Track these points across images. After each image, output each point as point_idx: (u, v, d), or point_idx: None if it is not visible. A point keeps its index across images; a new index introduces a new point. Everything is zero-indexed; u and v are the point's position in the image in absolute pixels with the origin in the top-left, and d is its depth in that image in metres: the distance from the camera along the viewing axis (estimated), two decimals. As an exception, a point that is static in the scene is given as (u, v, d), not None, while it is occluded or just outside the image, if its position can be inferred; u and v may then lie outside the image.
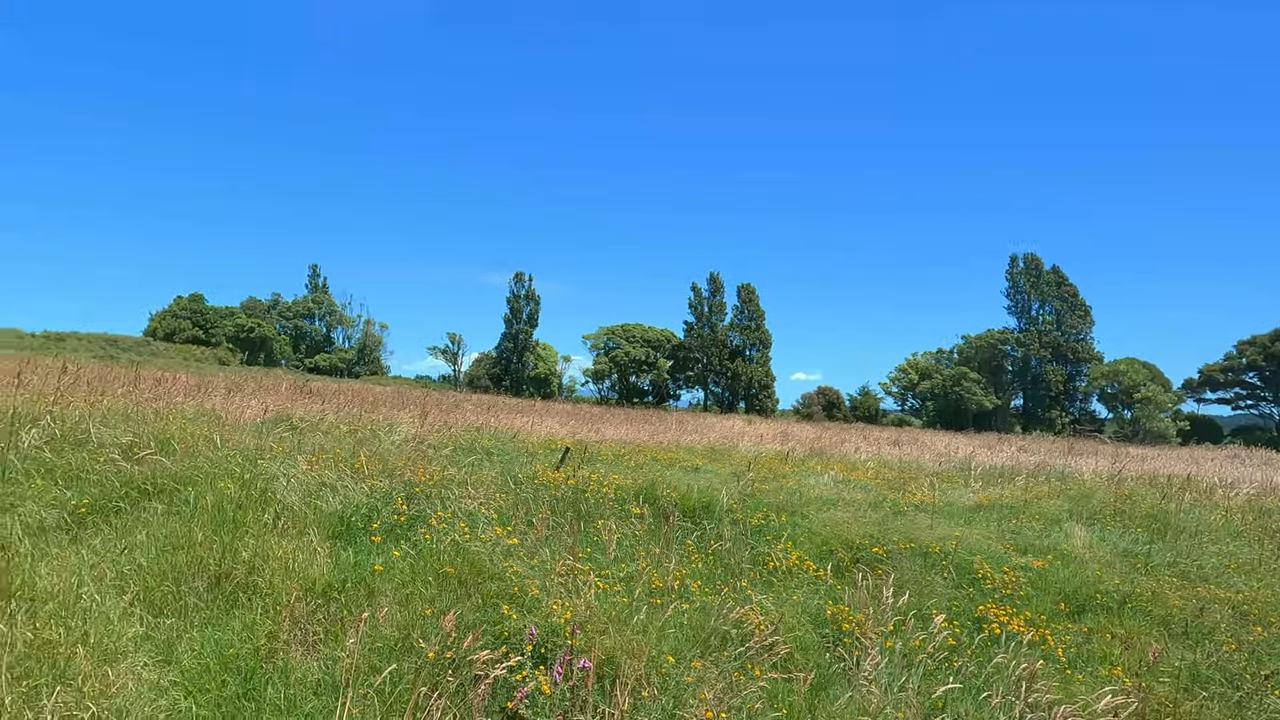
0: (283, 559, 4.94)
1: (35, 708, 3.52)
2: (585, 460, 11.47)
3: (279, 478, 5.87)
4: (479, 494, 6.86)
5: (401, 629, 4.56)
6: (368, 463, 6.74)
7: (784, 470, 13.34)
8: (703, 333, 76.67)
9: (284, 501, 5.56)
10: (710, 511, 7.90)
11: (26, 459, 5.99)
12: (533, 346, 79.83)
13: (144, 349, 60.31)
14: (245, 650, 4.28)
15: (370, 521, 5.69)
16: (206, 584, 4.74)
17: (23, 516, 5.02)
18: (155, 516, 5.33)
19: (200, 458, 6.27)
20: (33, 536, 4.84)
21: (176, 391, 13.64)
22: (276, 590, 4.69)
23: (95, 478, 5.87)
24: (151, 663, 4.14)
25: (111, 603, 4.43)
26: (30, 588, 4.30)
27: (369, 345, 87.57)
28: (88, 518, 5.25)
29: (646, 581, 5.87)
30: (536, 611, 4.84)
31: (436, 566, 5.18)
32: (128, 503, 5.49)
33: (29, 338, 51.64)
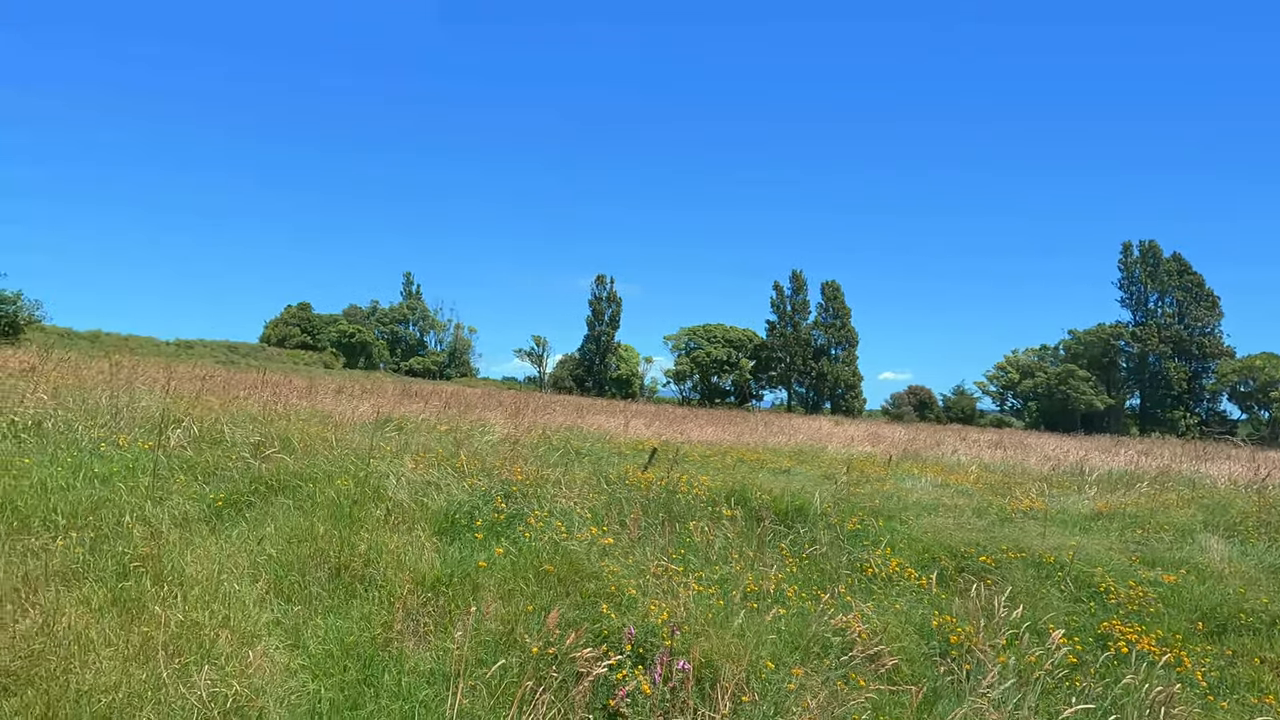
0: (395, 553, 5.21)
1: (188, 683, 3.87)
2: (673, 461, 11.50)
3: (389, 476, 6.20)
4: (573, 494, 7.00)
5: (505, 623, 4.72)
6: (468, 462, 7.01)
7: (877, 473, 12.89)
8: (785, 332, 75.29)
9: (394, 499, 5.87)
10: (803, 515, 7.74)
11: (172, 456, 6.61)
12: (614, 348, 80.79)
13: (259, 354, 65.20)
14: (364, 638, 4.54)
15: (473, 519, 5.92)
16: (328, 574, 5.06)
17: (170, 509, 5.54)
18: (282, 511, 5.75)
19: (319, 457, 6.72)
20: (179, 527, 5.32)
21: (292, 394, 14.68)
22: (390, 582, 4.96)
23: (229, 474, 6.40)
24: (282, 646, 4.46)
25: (247, 589, 4.81)
26: (179, 573, 4.73)
27: (459, 348, 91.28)
28: (224, 511, 5.73)
29: (741, 584, 5.82)
30: (634, 611, 4.88)
31: (536, 564, 5.33)
32: (257, 497, 5.95)
33: (163, 345, 56.91)
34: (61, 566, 4.63)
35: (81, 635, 4.04)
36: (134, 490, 5.85)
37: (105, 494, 5.77)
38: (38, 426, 7.48)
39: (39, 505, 5.48)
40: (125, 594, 4.44)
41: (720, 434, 19.14)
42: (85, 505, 5.51)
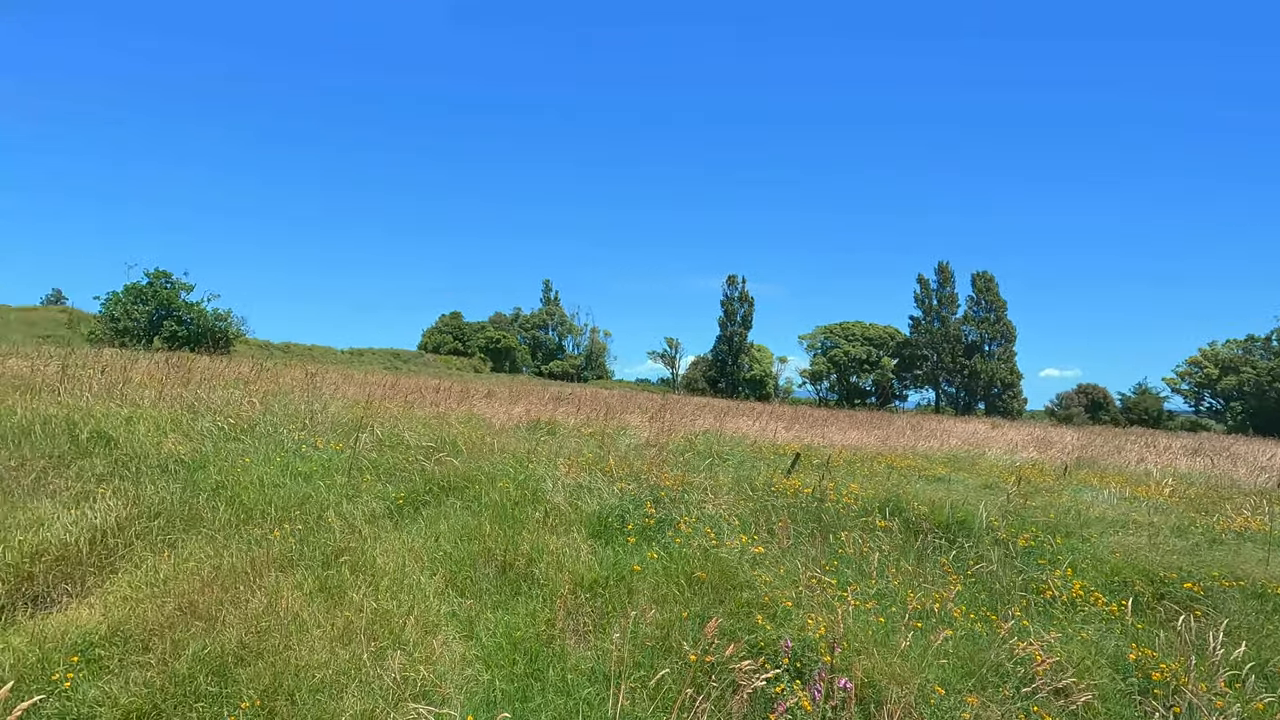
0: (554, 553, 5.48)
1: (383, 665, 4.30)
2: (815, 466, 11.16)
3: (546, 480, 6.54)
4: (719, 500, 7.00)
5: (661, 628, 4.81)
6: (617, 467, 7.23)
7: (1048, 483, 11.73)
8: (931, 328, 70.61)
9: (551, 501, 6.18)
10: (967, 528, 7.21)
11: (360, 458, 7.39)
12: (747, 348, 79.79)
13: (418, 360, 71.19)
14: (530, 634, 4.81)
15: (624, 523, 6.09)
16: (495, 571, 5.41)
17: (361, 506, 6.18)
18: (453, 510, 6.23)
19: (483, 461, 7.22)
20: (369, 523, 5.93)
21: (451, 399, 15.90)
22: (551, 581, 5.21)
23: (407, 475, 7.05)
24: (458, 636, 4.83)
25: (427, 581, 5.26)
26: (371, 565, 5.27)
27: (595, 351, 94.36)
28: (404, 508, 6.31)
29: (901, 600, 5.53)
30: (789, 624, 4.79)
31: (687, 570, 5.38)
32: (431, 497, 6.50)
33: (340, 353, 63.75)
34: (279, 554, 5.32)
35: (297, 616, 4.62)
36: (331, 488, 6.60)
37: (308, 491, 6.56)
38: (252, 429, 8.65)
39: (258, 499, 6.34)
40: (329, 581, 5.02)
41: (864, 438, 18.30)
42: (293, 500, 6.29)
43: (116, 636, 4.56)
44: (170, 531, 5.86)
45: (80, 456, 7.55)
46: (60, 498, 6.77)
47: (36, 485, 7.09)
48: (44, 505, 6.56)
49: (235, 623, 4.53)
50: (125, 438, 7.82)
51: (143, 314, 39.05)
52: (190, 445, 7.61)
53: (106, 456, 7.48)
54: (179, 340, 38.52)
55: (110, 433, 7.90)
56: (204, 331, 40.03)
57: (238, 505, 6.14)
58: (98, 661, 4.33)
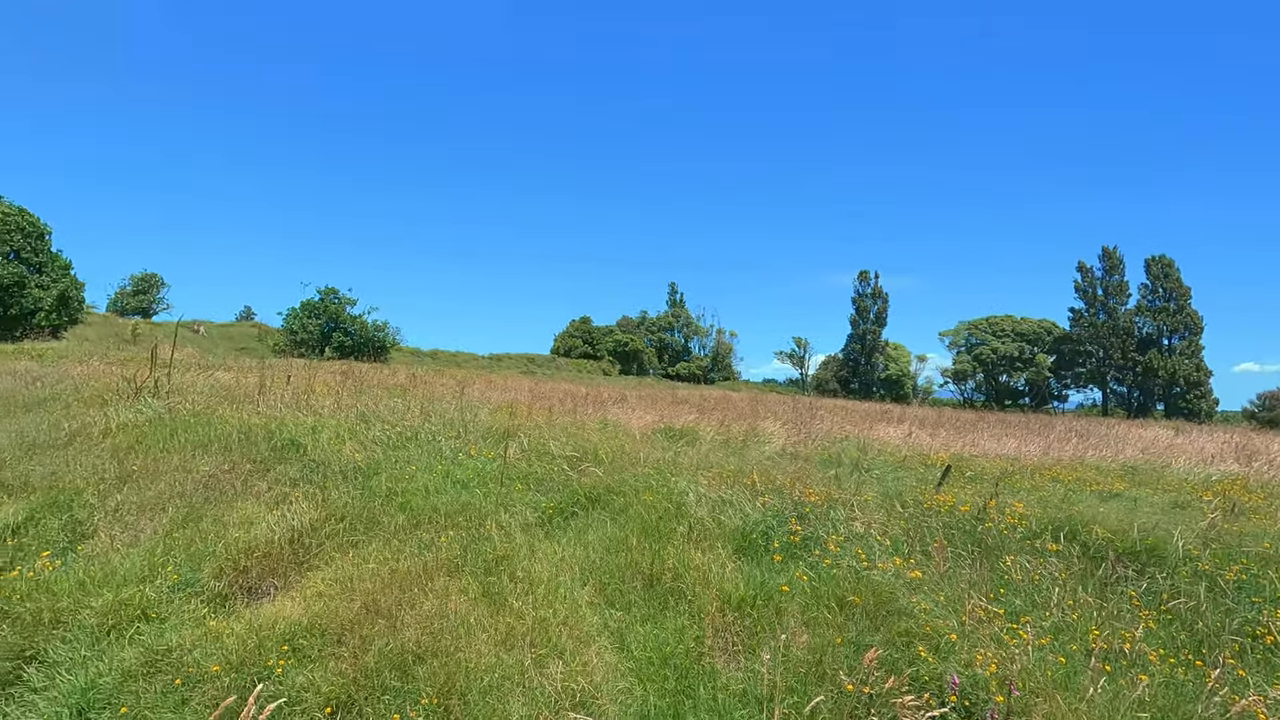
0: (699, 569, 5.50)
1: (544, 673, 4.52)
2: (969, 479, 10.40)
3: (688, 493, 6.59)
4: (866, 516, 6.71)
5: (813, 653, 4.68)
6: (759, 479, 7.14)
7: (1256, 503, 10.18)
8: (1096, 320, 63.71)
9: (695, 515, 6.21)
10: (1158, 556, 6.41)
11: (510, 467, 7.83)
12: (882, 347, 76.06)
13: (550, 365, 74.36)
14: (679, 650, 4.86)
15: (769, 540, 6.00)
16: (642, 584, 5.52)
17: (516, 515, 6.54)
18: (599, 522, 6.44)
19: (626, 472, 7.40)
20: (523, 532, 6.26)
21: (586, 405, 16.45)
22: (698, 598, 5.24)
23: (554, 485, 7.37)
24: (610, 648, 4.98)
25: (579, 592, 5.47)
26: (528, 573, 5.56)
27: (721, 353, 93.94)
28: (554, 518, 6.60)
29: (1082, 637, 5.02)
30: (955, 658, 4.50)
31: (838, 593, 5.20)
32: (579, 508, 6.75)
33: (481, 359, 68.00)
34: (446, 560, 5.74)
35: (465, 620, 4.96)
36: (487, 496, 7.04)
37: (467, 498, 7.03)
38: (415, 437, 9.41)
39: (424, 505, 6.88)
40: (491, 588, 5.35)
41: (1022, 445, 16.82)
42: (455, 507, 6.77)
43: (315, 629, 5.13)
44: (353, 533, 6.51)
45: (277, 462, 8.58)
46: (263, 499, 7.72)
47: (244, 487, 8.14)
48: (251, 505, 7.51)
49: (412, 623, 4.95)
50: (312, 445, 8.79)
51: (316, 327, 43.78)
52: (365, 453, 8.41)
53: (297, 462, 8.44)
54: (345, 349, 42.85)
55: (300, 440, 8.91)
56: (366, 341, 44.19)
57: (408, 511, 6.70)
58: (301, 651, 4.88)
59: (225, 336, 50.49)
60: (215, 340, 46.61)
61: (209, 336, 47.83)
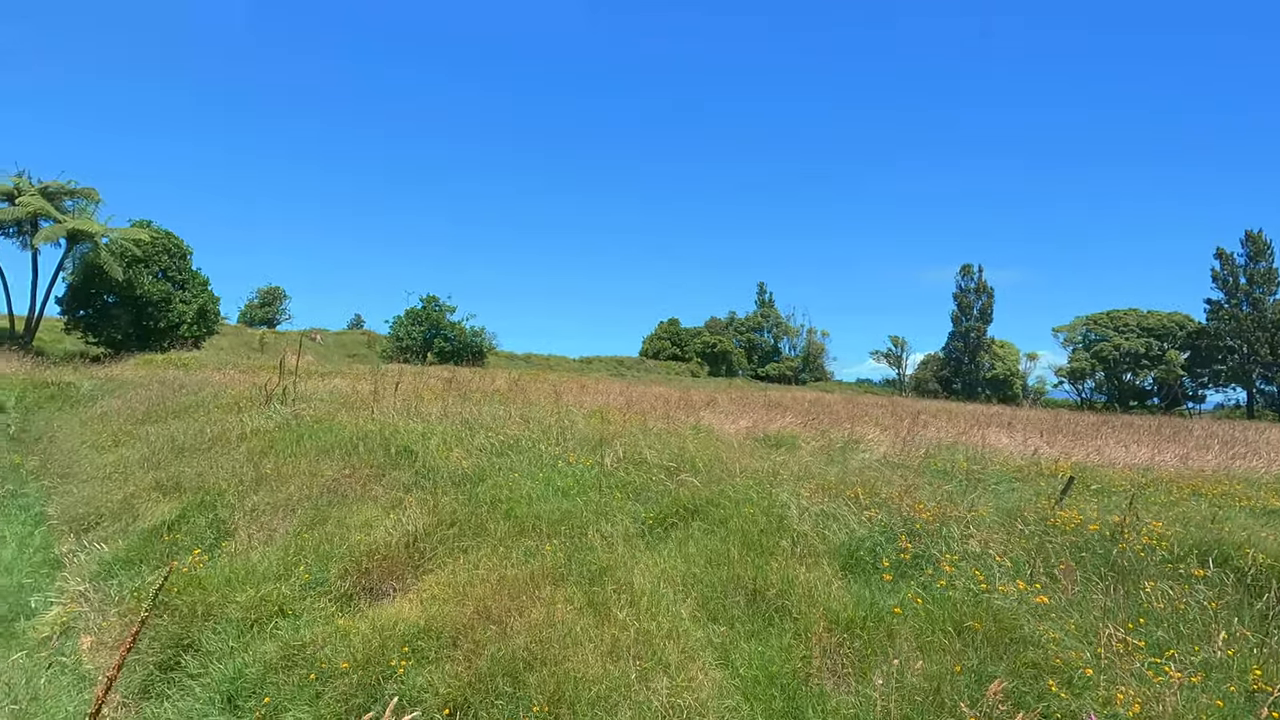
0: (804, 586, 5.37)
1: (650, 687, 4.55)
2: (1094, 492, 9.62)
3: (790, 506, 6.45)
4: (981, 534, 6.33)
5: (929, 680, 4.46)
6: (863, 492, 6.90)
7: None
8: (1238, 312, 57.48)
9: (797, 530, 6.08)
10: (1332, 588, 5.68)
11: (608, 475, 7.95)
12: (987, 344, 71.81)
13: (639, 367, 75.02)
14: (785, 669, 4.76)
15: (877, 557, 5.78)
16: (745, 599, 5.45)
17: (617, 524, 6.63)
18: (698, 533, 6.42)
19: (724, 483, 7.35)
20: (625, 542, 6.33)
21: (677, 408, 16.46)
22: (804, 616, 5.12)
23: (651, 494, 7.42)
24: (714, 664, 4.94)
25: (681, 605, 5.47)
26: (630, 584, 5.61)
27: (812, 353, 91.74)
28: (654, 529, 6.64)
29: (1241, 676, 4.53)
30: (1090, 694, 4.17)
31: (954, 617, 4.94)
32: (678, 519, 6.76)
33: (572, 362, 69.56)
34: (551, 568, 5.90)
35: (571, 630, 5.07)
36: (587, 505, 7.17)
37: (568, 506, 7.19)
38: (516, 444, 9.72)
39: (528, 513, 7.10)
40: (595, 598, 5.44)
41: (1155, 454, 15.39)
42: (556, 516, 6.94)
43: (431, 631, 5.39)
44: (462, 539, 6.80)
45: (392, 468, 9.11)
46: (380, 503, 8.21)
47: (363, 491, 8.69)
48: (369, 509, 8.00)
49: (521, 630, 5.11)
50: (422, 451, 9.27)
51: (419, 333, 46.18)
52: (471, 460, 8.77)
53: (409, 468, 8.92)
54: (446, 354, 44.95)
55: (412, 447, 9.42)
56: (465, 346, 46.19)
57: (513, 518, 6.93)
58: (420, 653, 5.15)
59: (339, 344, 54.15)
60: (330, 347, 50.08)
61: (325, 344, 51.45)
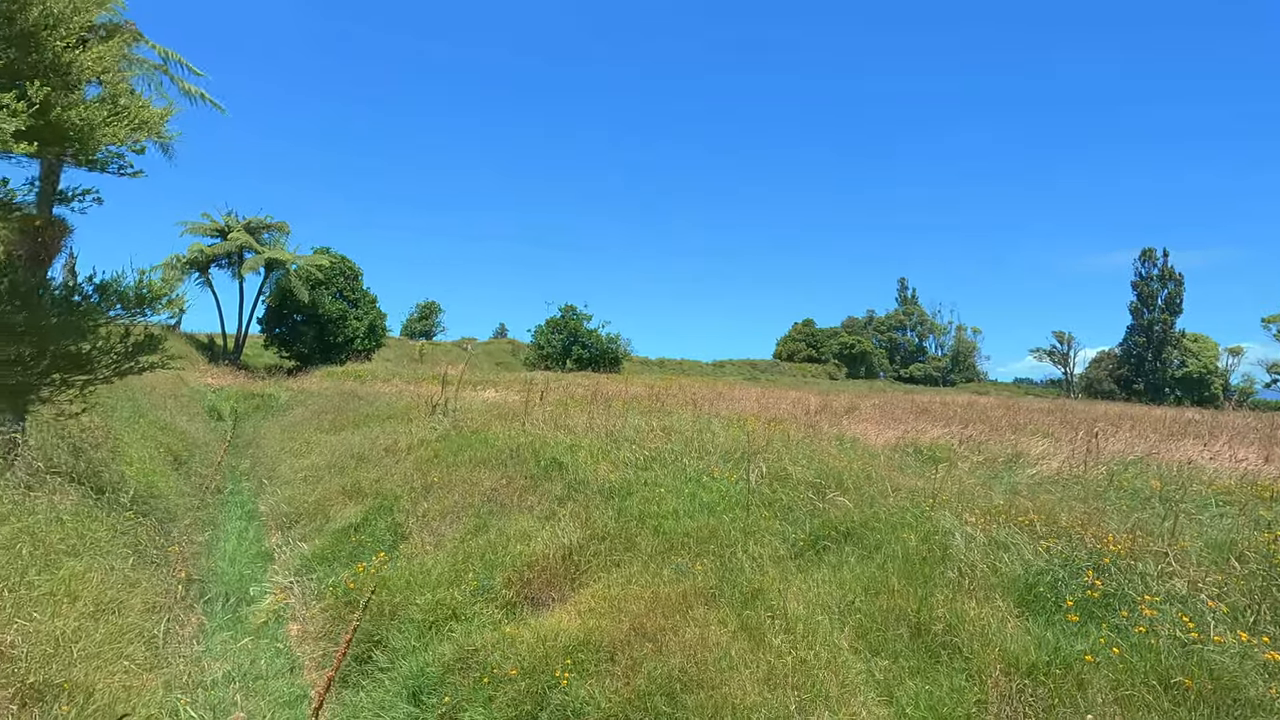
0: (975, 622, 5.01)
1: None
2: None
3: (954, 533, 6.06)
4: (1187, 572, 5.58)
5: (1132, 741, 4.01)
6: (1038, 518, 6.32)
7: None
8: None
9: (965, 560, 5.69)
10: None
11: (753, 492, 7.88)
12: (1175, 339, 63.24)
13: (774, 370, 73.58)
14: (958, 713, 4.47)
15: (1058, 593, 5.27)
16: (908, 633, 5.18)
17: (765, 545, 6.56)
18: (852, 558, 6.19)
19: (878, 504, 7.04)
20: (775, 564, 6.25)
21: (818, 416, 15.96)
22: (976, 655, 4.78)
23: (799, 514, 7.25)
24: (877, 700, 4.74)
25: (838, 634, 5.30)
26: (783, 609, 5.53)
27: (962, 351, 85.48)
28: (805, 551, 6.49)
29: None
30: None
31: (1159, 669, 4.39)
32: (831, 541, 6.56)
33: (704, 365, 69.61)
34: (703, 588, 5.94)
35: (727, 653, 5.08)
36: (734, 522, 7.15)
37: (714, 524, 7.20)
38: (659, 457, 9.89)
39: (676, 529, 7.19)
40: (749, 621, 5.41)
41: None
42: (704, 533, 6.98)
43: (590, 644, 5.61)
44: (614, 553, 7.03)
45: (544, 479, 9.60)
46: (535, 513, 8.68)
47: (519, 501, 9.22)
48: (525, 520, 8.48)
49: (677, 649, 5.19)
50: (571, 464, 9.68)
51: (559, 341, 48.29)
52: (618, 474, 9.04)
53: (560, 480, 9.35)
54: (584, 361, 46.63)
55: (561, 459, 9.87)
56: (602, 353, 47.69)
57: (661, 535, 7.06)
58: (581, 665, 5.38)
59: (487, 353, 57.91)
60: (480, 356, 53.66)
61: (475, 353, 55.23)
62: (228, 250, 38.43)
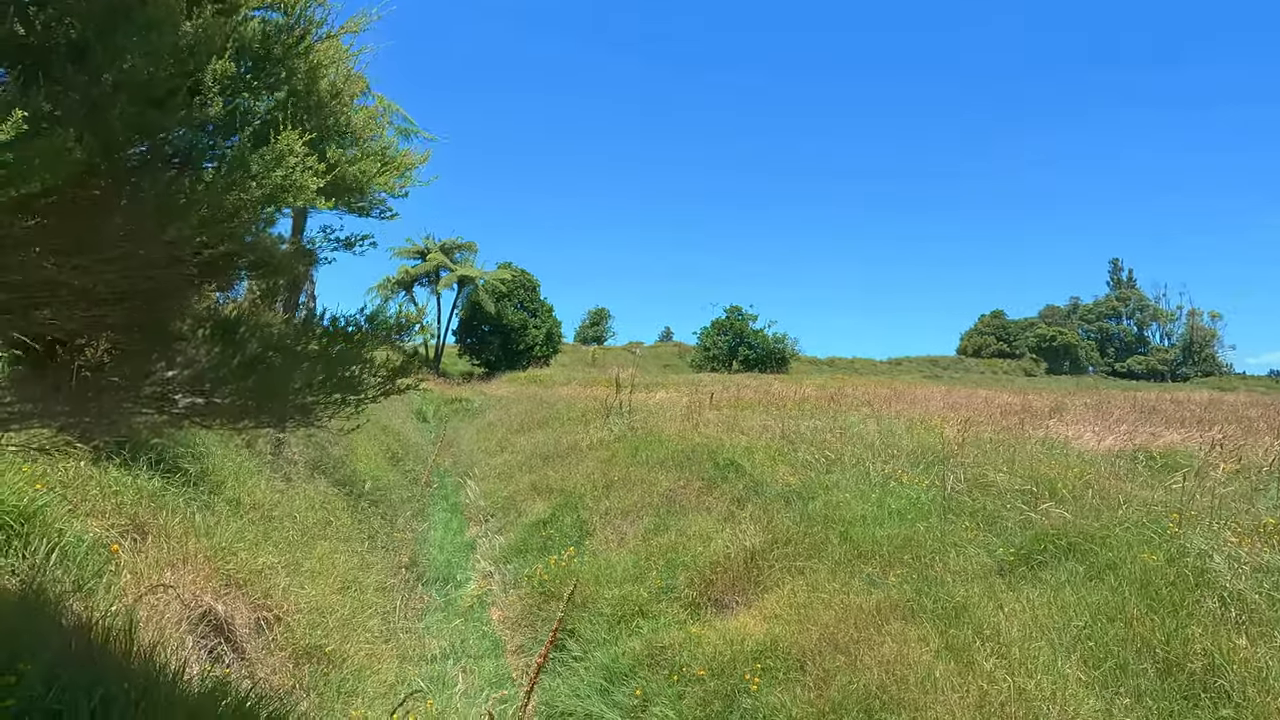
0: (1250, 665, 4.21)
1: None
2: None
3: (1211, 555, 5.14)
4: None
5: None
6: (1329, 544, 5.18)
7: None
8: None
9: (1229, 588, 4.80)
10: None
11: (949, 500, 7.27)
12: None
13: (958, 366, 67.68)
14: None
15: (1368, 636, 4.27)
16: (1154, 669, 4.48)
17: (969, 558, 6.02)
18: (1074, 578, 5.48)
19: (1104, 516, 6.18)
20: (980, 579, 5.71)
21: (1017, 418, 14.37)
22: (1252, 703, 4.01)
23: (1006, 524, 6.57)
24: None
25: (1063, 663, 4.71)
26: (995, 629, 5.02)
27: (1196, 340, 72.89)
28: (1016, 567, 5.86)
29: None
30: None
31: None
32: (1048, 556, 5.86)
33: (878, 364, 65.76)
34: (899, 600, 5.58)
35: (930, 673, 4.72)
36: (930, 532, 6.65)
37: (907, 532, 6.74)
38: (840, 460, 9.48)
39: (864, 536, 6.83)
40: (954, 641, 4.99)
41: None
42: (897, 542, 6.56)
43: (777, 650, 5.50)
44: (798, 559, 6.83)
45: (720, 480, 9.60)
46: (714, 515, 8.70)
47: (696, 502, 9.30)
48: (704, 520, 8.53)
49: (872, 665, 4.92)
50: (749, 466, 9.59)
51: (724, 343, 48.23)
52: (797, 476, 8.81)
53: (738, 482, 9.30)
54: (750, 362, 46.15)
55: (738, 461, 9.81)
56: (768, 354, 46.91)
57: (849, 541, 6.75)
58: (770, 671, 5.29)
59: (654, 356, 59.34)
60: (647, 360, 55.12)
61: (643, 356, 56.85)
62: (427, 270, 43.03)
